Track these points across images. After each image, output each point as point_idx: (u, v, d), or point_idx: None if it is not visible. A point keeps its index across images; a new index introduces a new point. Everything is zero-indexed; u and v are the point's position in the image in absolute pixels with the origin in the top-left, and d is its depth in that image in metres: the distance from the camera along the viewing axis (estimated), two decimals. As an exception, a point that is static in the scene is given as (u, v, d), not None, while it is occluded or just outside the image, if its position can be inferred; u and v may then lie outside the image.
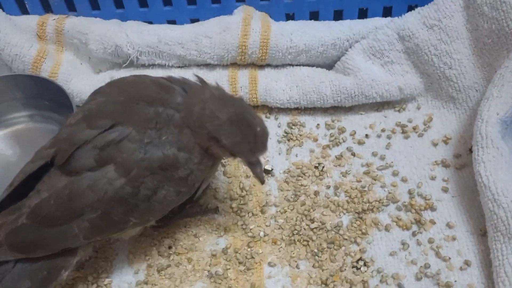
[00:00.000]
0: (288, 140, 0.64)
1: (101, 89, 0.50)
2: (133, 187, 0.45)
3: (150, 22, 0.72)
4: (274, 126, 0.66)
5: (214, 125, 0.45)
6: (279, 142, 0.65)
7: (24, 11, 0.73)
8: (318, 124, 0.66)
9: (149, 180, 0.45)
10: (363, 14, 0.72)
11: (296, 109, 0.67)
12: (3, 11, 0.69)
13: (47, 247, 0.45)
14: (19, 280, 0.45)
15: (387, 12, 0.71)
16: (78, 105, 0.64)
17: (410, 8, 0.67)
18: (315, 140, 0.64)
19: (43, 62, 0.66)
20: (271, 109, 0.68)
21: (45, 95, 0.63)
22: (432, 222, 0.55)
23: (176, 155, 0.46)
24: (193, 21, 0.71)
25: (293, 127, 0.66)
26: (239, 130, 0.45)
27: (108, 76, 0.67)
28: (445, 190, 0.58)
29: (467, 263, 0.52)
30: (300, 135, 0.65)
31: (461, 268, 0.52)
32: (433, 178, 0.59)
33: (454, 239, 0.54)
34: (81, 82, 0.67)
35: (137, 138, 0.45)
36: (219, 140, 0.45)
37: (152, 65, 0.68)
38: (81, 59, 0.70)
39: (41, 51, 0.67)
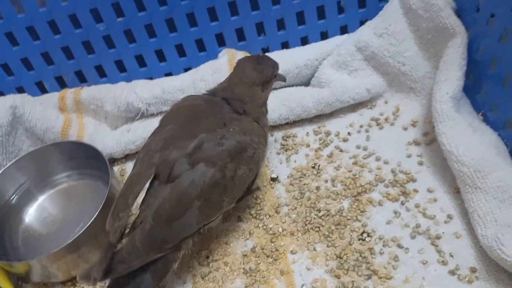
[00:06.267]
0: (286, 151, 0.76)
1: (167, 116, 0.65)
2: (221, 172, 0.57)
3: (151, 78, 0.84)
4: (271, 141, 0.78)
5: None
6: (278, 154, 0.76)
7: (44, 91, 0.85)
8: (307, 133, 0.78)
9: (230, 164, 0.58)
10: (324, 36, 0.85)
11: (287, 123, 0.79)
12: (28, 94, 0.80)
13: (173, 239, 0.57)
14: (142, 274, 0.57)
15: (343, 30, 0.84)
16: (107, 159, 0.75)
17: (361, 23, 0.80)
18: (308, 145, 0.76)
19: (70, 129, 0.78)
20: (266, 128, 0.80)
21: (78, 155, 0.74)
22: (415, 191, 0.66)
23: (244, 139, 0.60)
24: (186, 70, 0.83)
25: (287, 139, 0.77)
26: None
27: (126, 129, 0.79)
28: (420, 163, 0.69)
29: (449, 216, 0.62)
30: (295, 144, 0.76)
31: (445, 222, 0.62)
32: (409, 156, 0.70)
33: (435, 200, 0.64)
34: (103, 139, 0.78)
35: (212, 138, 0.58)
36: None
37: (160, 112, 0.79)
38: (99, 120, 0.81)
39: (66, 120, 0.78)
